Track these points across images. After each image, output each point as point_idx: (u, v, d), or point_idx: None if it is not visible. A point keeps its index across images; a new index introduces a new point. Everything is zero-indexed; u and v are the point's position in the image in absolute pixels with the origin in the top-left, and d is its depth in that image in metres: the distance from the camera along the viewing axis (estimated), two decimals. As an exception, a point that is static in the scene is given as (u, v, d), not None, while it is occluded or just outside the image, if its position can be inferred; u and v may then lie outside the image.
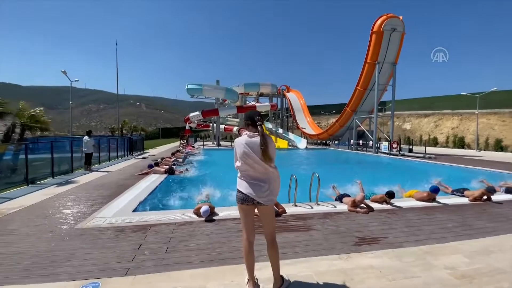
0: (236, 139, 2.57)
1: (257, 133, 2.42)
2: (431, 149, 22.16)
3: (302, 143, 25.31)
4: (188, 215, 4.68)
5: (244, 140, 2.43)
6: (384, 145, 19.61)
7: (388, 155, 18.28)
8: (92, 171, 9.97)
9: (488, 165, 13.19)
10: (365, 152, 20.96)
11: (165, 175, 8.84)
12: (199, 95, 25.74)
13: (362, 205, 5.29)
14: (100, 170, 10.31)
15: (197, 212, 4.62)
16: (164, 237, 3.72)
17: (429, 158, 16.32)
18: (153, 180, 7.96)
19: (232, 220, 4.45)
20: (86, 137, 10.16)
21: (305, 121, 33.27)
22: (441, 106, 41.62)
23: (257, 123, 2.43)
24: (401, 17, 19.33)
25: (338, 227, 4.22)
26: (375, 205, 5.46)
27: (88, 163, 10.09)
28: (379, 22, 19.39)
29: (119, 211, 4.87)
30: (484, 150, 24.56)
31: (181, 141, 24.58)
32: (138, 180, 8.00)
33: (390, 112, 21.32)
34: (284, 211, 4.89)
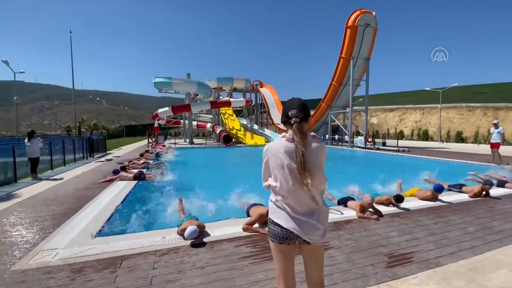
0: (269, 144, 1.67)
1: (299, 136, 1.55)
2: (399, 142, 23.04)
3: (279, 139, 24.89)
4: (171, 237, 3.69)
5: (282, 145, 1.55)
6: (360, 139, 19.88)
7: (364, 149, 18.53)
8: (41, 179, 8.27)
9: (459, 156, 13.77)
10: (341, 147, 21.13)
11: (135, 182, 7.56)
12: (168, 89, 23.87)
13: (370, 209, 4.75)
14: (52, 178, 8.61)
15: (183, 234, 3.65)
16: (143, 276, 2.72)
17: (403, 151, 16.75)
18: (120, 189, 6.68)
19: (229, 242, 3.56)
20: (25, 140, 8.36)
21: (279, 117, 32.88)
22: (405, 101, 44.08)
23: (292, 120, 1.58)
24: (373, 13, 19.54)
25: (357, 242, 3.56)
26: (382, 208, 4.96)
27: (33, 170, 8.33)
28: (353, 17, 19.41)
29: (76, 237, 3.70)
30: (446, 141, 26.35)
31: (150, 139, 22.57)
32: (101, 190, 6.66)
33: (359, 107, 21.75)
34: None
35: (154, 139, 22.33)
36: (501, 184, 6.77)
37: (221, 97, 31.10)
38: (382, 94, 61.13)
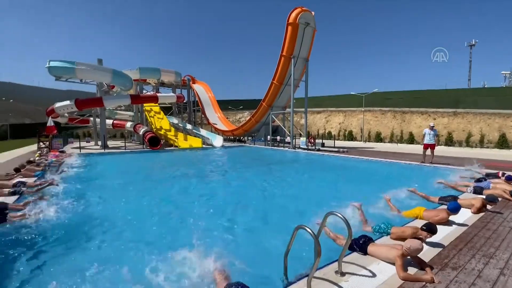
0: None
1: None
2: (329, 142, 23.79)
3: (218, 141, 22.31)
4: None
5: None
6: (302, 140, 19.39)
7: (306, 151, 18.01)
8: None
9: (391, 156, 14.25)
10: (283, 148, 20.25)
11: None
12: (70, 77, 18.17)
13: (408, 256, 3.05)
14: None
15: None
16: None
17: (343, 151, 16.83)
18: None
19: None
20: None
21: (215, 116, 30.19)
22: (329, 104, 47.94)
23: None
24: (313, 13, 19.30)
25: None
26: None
27: None
28: (294, 14, 18.70)
29: None
30: (368, 141, 29.06)
31: (41, 143, 16.55)
32: None
33: (296, 109, 21.65)
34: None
35: (47, 143, 16.50)
36: (478, 191, 6.32)
37: (145, 91, 26.32)
38: (309, 97, 65.56)
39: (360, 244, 3.38)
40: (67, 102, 18.36)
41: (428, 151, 11.51)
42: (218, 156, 17.33)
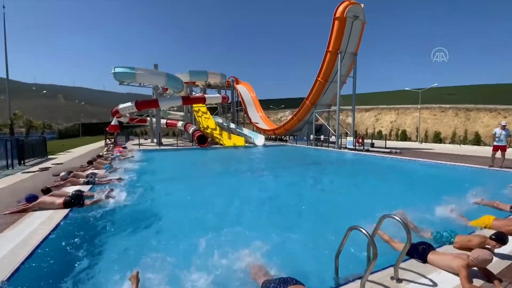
0: None
1: None
2: (380, 142, 22.15)
3: (259, 140, 22.70)
4: None
5: None
6: (349, 140, 18.51)
7: (354, 151, 17.13)
8: None
9: (453, 158, 12.68)
10: (327, 148, 19.60)
11: (65, 211, 4.83)
12: (131, 82, 20.39)
13: (474, 267, 2.73)
14: None
15: None
16: None
17: (395, 153, 15.58)
18: (27, 234, 3.92)
19: None
20: None
21: (257, 116, 30.75)
22: (379, 101, 44.73)
23: None
24: (362, 5, 18.24)
25: None
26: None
27: None
28: (341, 8, 17.92)
29: None
30: (424, 142, 26.37)
31: (108, 140, 18.92)
32: (-3, 232, 3.87)
33: (342, 107, 20.55)
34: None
35: (112, 140, 18.75)
36: None
37: (194, 93, 28.07)
38: (357, 94, 62.38)
39: (419, 251, 3.12)
40: (129, 104, 20.59)
41: (498, 154, 10.05)
42: (260, 154, 17.59)
